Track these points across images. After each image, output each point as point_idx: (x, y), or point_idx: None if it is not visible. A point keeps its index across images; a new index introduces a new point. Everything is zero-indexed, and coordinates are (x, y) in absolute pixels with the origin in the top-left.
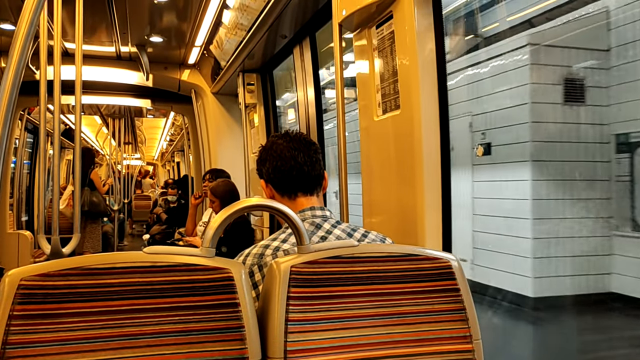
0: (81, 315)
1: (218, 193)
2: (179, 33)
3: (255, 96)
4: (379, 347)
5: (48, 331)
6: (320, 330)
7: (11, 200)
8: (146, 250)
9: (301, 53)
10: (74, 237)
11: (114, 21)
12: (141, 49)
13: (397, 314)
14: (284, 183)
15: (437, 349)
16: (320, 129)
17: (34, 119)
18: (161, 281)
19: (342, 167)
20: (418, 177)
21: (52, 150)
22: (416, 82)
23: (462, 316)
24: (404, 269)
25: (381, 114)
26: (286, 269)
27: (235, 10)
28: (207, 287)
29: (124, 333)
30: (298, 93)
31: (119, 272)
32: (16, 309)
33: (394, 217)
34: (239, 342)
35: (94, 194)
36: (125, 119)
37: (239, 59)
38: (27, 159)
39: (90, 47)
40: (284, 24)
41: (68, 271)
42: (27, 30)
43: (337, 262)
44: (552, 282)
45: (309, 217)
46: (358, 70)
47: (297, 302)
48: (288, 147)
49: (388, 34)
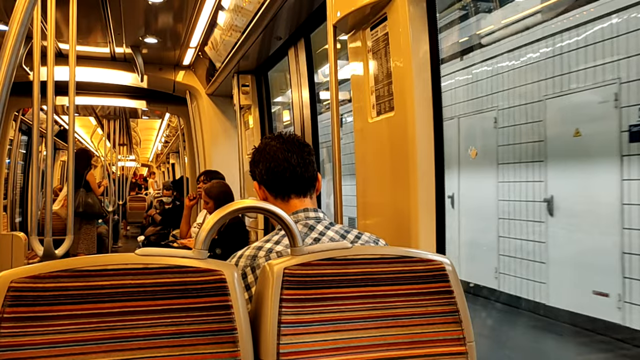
0: (72, 317)
1: (212, 194)
2: (173, 34)
3: (250, 98)
4: (373, 349)
5: (38, 334)
6: (313, 332)
7: (5, 202)
8: (138, 252)
9: (296, 55)
10: (67, 239)
11: (109, 22)
12: (136, 50)
13: (391, 316)
14: (277, 185)
15: (431, 352)
16: (314, 131)
17: (28, 120)
18: (153, 283)
19: (336, 169)
20: (412, 179)
21: (46, 151)
22: (410, 84)
23: (455, 318)
24: (397, 271)
25: (375, 115)
26: (279, 271)
27: (230, 12)
28: (200, 289)
29: (115, 335)
30: (293, 94)
31: (111, 274)
32: (6, 311)
33: (388, 219)
34: (232, 344)
35: (89, 195)
36: (120, 120)
37: (234, 61)
38: (22, 160)
39: (84, 48)
40: (278, 26)
41: (59, 273)
42: (19, 30)
43: (331, 264)
44: None
45: (302, 219)
46: (352, 72)
47: (290, 305)
48: (281, 149)
49: (382, 36)
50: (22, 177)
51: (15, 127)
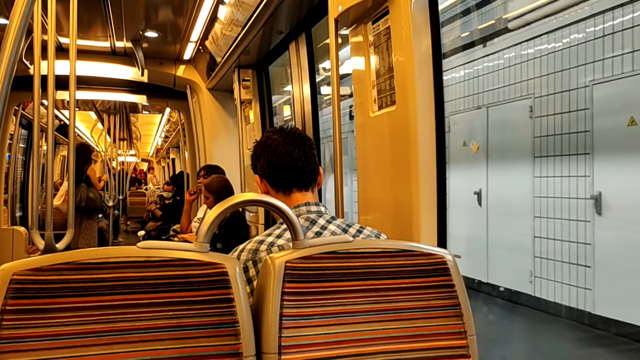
0: (74, 310)
1: (212, 189)
2: (174, 28)
3: (251, 92)
4: (374, 342)
5: (40, 326)
6: (314, 325)
7: (5, 196)
8: (140, 245)
9: (297, 49)
10: (67, 233)
11: (109, 16)
12: (136, 44)
13: (392, 310)
14: (278, 178)
15: (432, 345)
16: (315, 125)
17: (28, 115)
18: (155, 276)
19: (337, 163)
20: (413, 173)
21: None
22: (412, 78)
23: (456, 312)
24: (398, 264)
25: (377, 110)
26: (281, 264)
27: (231, 6)
28: (201, 282)
29: (117, 328)
30: (294, 89)
31: (112, 266)
32: (8, 303)
33: (390, 213)
34: (233, 337)
35: (90, 190)
36: (121, 115)
37: (235, 55)
38: (22, 154)
39: (84, 42)
40: (279, 20)
41: (61, 266)
42: (19, 24)
43: (332, 257)
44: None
45: (304, 213)
46: (354, 66)
47: (292, 298)
48: (283, 143)
49: (384, 30)
50: (22, 172)
51: (15, 122)
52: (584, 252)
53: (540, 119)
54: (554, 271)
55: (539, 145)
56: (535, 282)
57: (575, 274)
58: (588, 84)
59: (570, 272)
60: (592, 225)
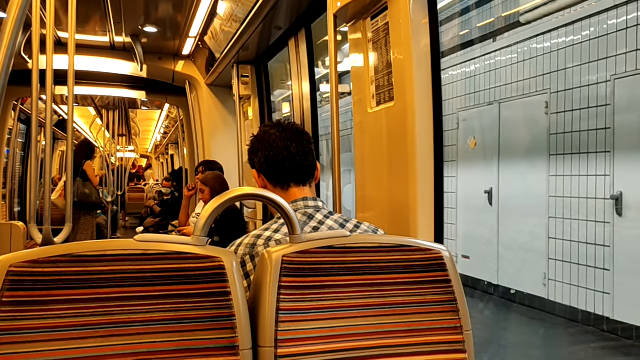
0: (71, 302)
1: (207, 182)
2: (173, 23)
3: (250, 88)
4: (370, 337)
5: (37, 318)
6: (311, 319)
7: (4, 191)
8: (137, 238)
9: (296, 45)
10: (65, 227)
11: (108, 10)
12: (135, 39)
13: (388, 305)
14: (276, 173)
15: (428, 340)
16: (315, 122)
17: (27, 110)
18: (152, 269)
19: (335, 159)
20: (411, 169)
21: (45, 141)
22: (410, 74)
23: (452, 307)
24: (395, 259)
25: (375, 105)
26: (278, 258)
27: (230, 1)
28: (198, 276)
29: (113, 321)
30: (293, 85)
31: (110, 259)
32: (5, 295)
33: (387, 209)
34: (230, 330)
35: (86, 185)
36: (120, 110)
37: (234, 51)
38: (21, 149)
39: (83, 37)
40: (279, 16)
41: (58, 258)
42: (17, 17)
43: (329, 252)
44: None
45: (301, 208)
46: (353, 62)
47: (289, 292)
48: (281, 137)
49: (383, 26)
50: (20, 167)
51: (14, 117)
52: (602, 255)
53: (557, 115)
54: (570, 274)
55: (555, 142)
56: (550, 285)
57: (593, 277)
58: (609, 79)
59: (587, 275)
60: (612, 226)
